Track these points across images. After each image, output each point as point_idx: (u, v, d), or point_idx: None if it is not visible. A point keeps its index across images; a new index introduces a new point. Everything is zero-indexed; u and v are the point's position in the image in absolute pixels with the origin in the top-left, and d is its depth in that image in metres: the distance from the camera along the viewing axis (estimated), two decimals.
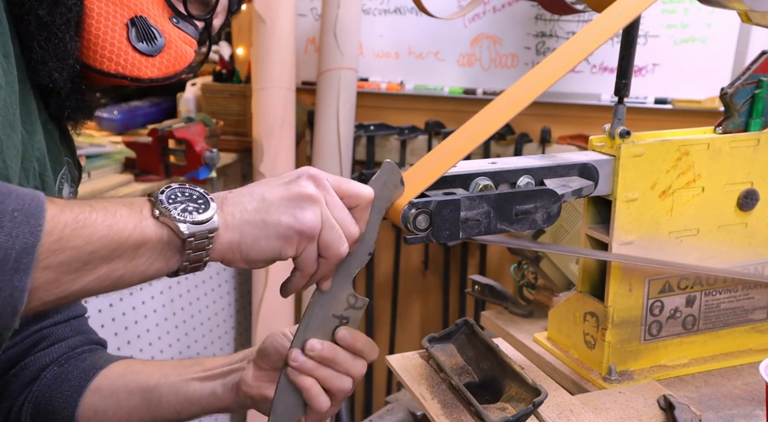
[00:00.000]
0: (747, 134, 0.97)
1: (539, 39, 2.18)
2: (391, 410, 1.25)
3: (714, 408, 0.92)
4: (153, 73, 0.85)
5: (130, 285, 0.64)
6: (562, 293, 1.18)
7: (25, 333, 0.93)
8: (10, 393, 0.91)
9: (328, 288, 0.76)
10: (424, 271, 2.49)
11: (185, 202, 0.65)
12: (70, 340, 0.95)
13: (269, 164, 2.28)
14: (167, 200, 0.65)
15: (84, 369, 0.92)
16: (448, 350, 0.97)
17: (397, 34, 2.32)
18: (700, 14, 2.00)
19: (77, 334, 0.96)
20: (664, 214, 0.95)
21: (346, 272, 0.76)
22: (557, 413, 0.86)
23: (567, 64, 0.84)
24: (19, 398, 0.90)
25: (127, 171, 2.02)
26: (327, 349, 0.77)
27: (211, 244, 0.65)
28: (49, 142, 0.87)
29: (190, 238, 0.64)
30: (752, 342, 1.05)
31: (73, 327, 0.97)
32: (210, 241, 0.65)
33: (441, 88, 2.30)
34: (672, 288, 0.99)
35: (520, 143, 2.21)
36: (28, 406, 0.90)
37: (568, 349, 1.05)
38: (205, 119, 2.29)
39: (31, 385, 0.90)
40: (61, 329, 0.95)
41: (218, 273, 2.35)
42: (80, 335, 0.97)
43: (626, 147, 0.91)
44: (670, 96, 2.07)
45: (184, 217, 0.64)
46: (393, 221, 0.80)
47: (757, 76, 0.96)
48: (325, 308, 0.77)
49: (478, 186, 0.83)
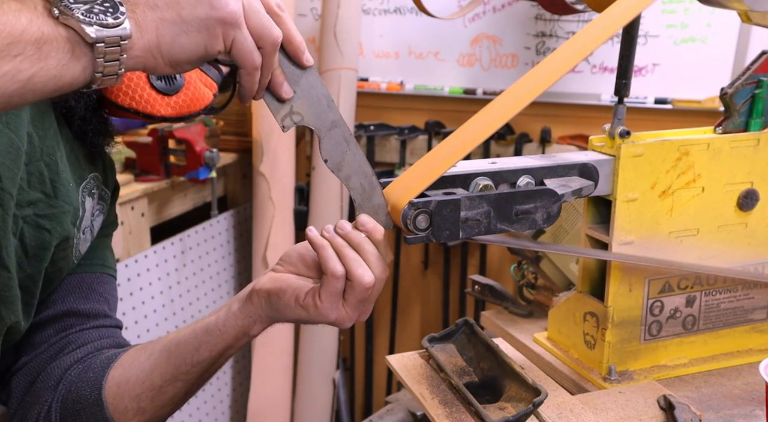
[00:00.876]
0: (747, 134, 0.97)
1: (539, 39, 2.18)
2: (391, 410, 1.25)
3: (714, 408, 0.92)
4: (166, 111, 0.85)
5: (49, 92, 0.59)
6: (562, 293, 1.18)
7: (50, 340, 0.92)
8: (37, 399, 0.90)
9: (289, 95, 0.73)
10: (424, 271, 2.49)
11: (89, 3, 0.59)
12: (96, 343, 0.93)
13: (269, 164, 2.28)
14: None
15: (106, 357, 0.91)
16: (448, 350, 0.97)
17: (397, 34, 2.32)
18: (700, 14, 2.00)
19: (104, 338, 0.95)
20: (664, 214, 0.95)
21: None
22: (557, 413, 0.86)
23: (567, 64, 0.84)
24: (46, 402, 0.89)
25: (127, 171, 2.02)
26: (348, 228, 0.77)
27: (125, 52, 0.60)
28: (71, 156, 0.87)
29: (100, 43, 0.59)
30: (752, 342, 1.05)
31: (101, 333, 0.95)
32: (123, 49, 0.60)
33: (441, 88, 2.30)
34: (672, 288, 0.99)
35: (520, 143, 2.21)
36: (56, 406, 0.89)
37: (568, 349, 1.05)
38: (205, 119, 2.28)
39: (56, 387, 0.90)
40: (86, 333, 0.93)
41: (218, 273, 2.35)
42: (107, 339, 0.95)
43: (626, 147, 0.91)
44: (670, 96, 2.07)
45: (89, 18, 0.58)
46: (393, 221, 0.80)
47: (757, 76, 0.96)
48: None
49: (478, 186, 0.83)
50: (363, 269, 0.77)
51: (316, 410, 2.35)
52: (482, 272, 2.38)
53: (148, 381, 0.87)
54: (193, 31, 0.63)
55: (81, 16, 0.58)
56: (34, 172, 0.81)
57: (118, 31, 0.59)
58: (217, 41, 0.65)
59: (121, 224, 1.87)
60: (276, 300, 0.81)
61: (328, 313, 0.78)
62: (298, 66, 0.73)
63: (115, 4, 0.60)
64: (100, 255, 0.97)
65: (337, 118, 0.76)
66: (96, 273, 0.96)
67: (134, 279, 1.94)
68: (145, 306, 2.00)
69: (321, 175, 2.27)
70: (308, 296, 0.79)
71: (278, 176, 2.30)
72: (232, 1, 0.64)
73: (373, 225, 0.78)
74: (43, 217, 0.83)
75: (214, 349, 0.85)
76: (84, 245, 0.92)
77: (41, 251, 0.84)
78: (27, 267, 0.83)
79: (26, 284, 0.84)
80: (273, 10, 0.69)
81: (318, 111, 0.75)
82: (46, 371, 0.91)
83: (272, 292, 0.81)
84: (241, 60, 0.67)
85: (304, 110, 0.75)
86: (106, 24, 0.59)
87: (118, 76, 0.62)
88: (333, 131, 0.76)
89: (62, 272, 0.90)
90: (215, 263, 2.33)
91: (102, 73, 0.61)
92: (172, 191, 2.08)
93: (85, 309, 0.94)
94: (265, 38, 0.67)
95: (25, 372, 0.91)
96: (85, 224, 0.90)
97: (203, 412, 2.30)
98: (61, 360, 0.91)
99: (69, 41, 0.59)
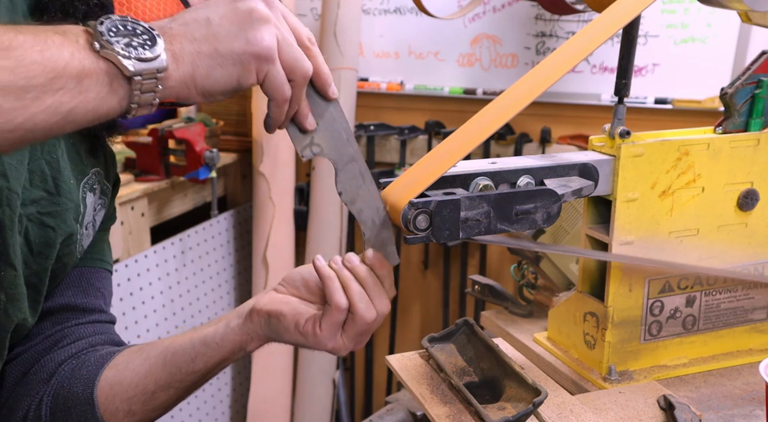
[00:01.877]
0: (747, 134, 0.97)
1: (539, 39, 2.18)
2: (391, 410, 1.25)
3: (714, 408, 0.92)
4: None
5: (86, 123, 0.60)
6: (562, 293, 1.18)
7: (46, 332, 0.92)
8: (28, 391, 0.90)
9: (313, 127, 0.74)
10: (424, 271, 2.49)
11: (128, 36, 0.60)
12: (90, 338, 0.94)
13: (269, 164, 2.28)
14: (108, 32, 0.59)
15: (101, 356, 0.91)
16: (448, 350, 0.97)
17: (397, 34, 2.32)
18: (700, 14, 2.00)
19: (99, 334, 0.95)
20: (664, 214, 0.95)
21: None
22: (557, 413, 0.86)
23: (567, 64, 0.84)
24: (37, 395, 0.90)
25: (127, 171, 2.02)
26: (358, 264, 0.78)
27: (160, 84, 0.62)
28: (72, 152, 0.87)
29: (137, 76, 0.60)
30: (752, 342, 1.05)
31: (96, 329, 0.95)
32: (159, 81, 0.61)
33: (441, 89, 2.30)
34: (672, 288, 0.99)
35: (520, 143, 2.21)
36: (47, 399, 0.89)
37: (568, 349, 1.05)
38: (205, 119, 2.29)
39: (49, 380, 0.90)
40: (82, 328, 0.94)
41: (218, 273, 2.35)
42: (102, 335, 0.95)
43: (626, 147, 0.91)
44: (670, 96, 2.07)
45: (128, 52, 0.59)
46: (393, 221, 0.80)
47: (757, 76, 0.96)
48: None
49: (478, 186, 0.83)
50: (366, 304, 0.78)
51: (316, 410, 2.35)
52: (482, 272, 2.38)
53: (141, 386, 0.87)
54: (228, 65, 0.64)
55: (121, 50, 0.59)
56: (35, 170, 0.82)
57: (155, 64, 0.60)
58: (250, 76, 0.66)
59: (121, 224, 1.87)
60: (275, 323, 0.82)
61: (326, 342, 0.79)
62: (323, 98, 0.74)
63: (153, 36, 0.61)
64: (98, 250, 0.98)
65: (355, 152, 0.77)
66: (95, 268, 0.97)
67: (134, 279, 1.94)
68: (145, 306, 2.00)
69: (321, 175, 2.27)
70: (308, 324, 0.80)
71: (278, 176, 2.30)
72: (267, 36, 0.65)
73: (379, 261, 0.79)
74: (46, 215, 0.83)
75: (210, 361, 0.86)
76: (87, 240, 0.92)
77: (46, 249, 0.84)
78: (33, 265, 0.84)
79: (32, 281, 0.85)
80: (305, 44, 0.70)
81: (338, 144, 0.76)
82: (40, 363, 0.91)
83: (272, 314, 0.82)
84: (273, 93, 0.68)
85: (325, 143, 0.76)
86: (144, 58, 0.60)
87: (152, 105, 0.63)
88: (350, 165, 0.77)
89: (67, 267, 0.90)
90: (215, 263, 2.33)
91: (138, 104, 0.62)
92: (172, 191, 2.08)
93: (83, 304, 0.94)
94: (297, 72, 0.68)
95: (18, 362, 0.91)
96: (88, 220, 0.91)
97: (203, 412, 2.30)
98: (55, 353, 0.91)
99: (108, 75, 0.59)
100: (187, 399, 0.92)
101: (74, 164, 0.88)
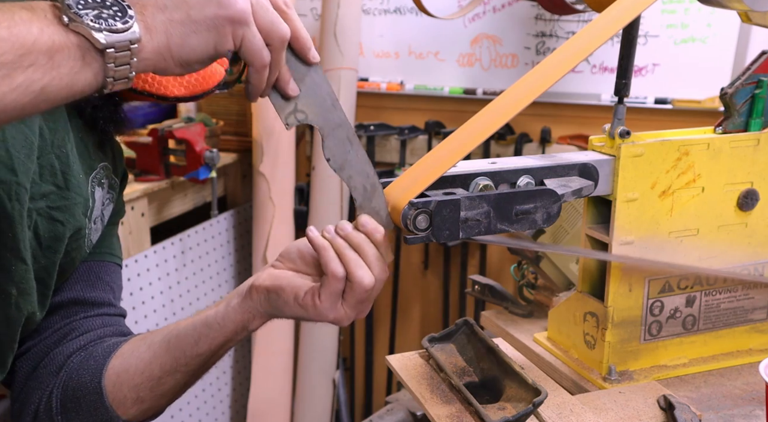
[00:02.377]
0: (747, 134, 0.97)
1: (539, 39, 2.18)
2: (391, 410, 1.25)
3: (714, 408, 0.92)
4: (180, 91, 0.85)
5: (61, 100, 0.59)
6: (562, 293, 1.18)
7: (55, 326, 0.93)
8: (39, 384, 0.91)
9: (295, 93, 0.73)
10: (424, 271, 2.49)
11: (97, 8, 0.59)
12: (99, 330, 0.94)
13: (269, 164, 2.28)
14: (76, 5, 0.58)
15: (108, 346, 0.91)
16: (448, 350, 0.98)
17: (397, 34, 2.32)
18: (700, 14, 2.00)
19: (107, 326, 0.95)
20: (664, 214, 0.95)
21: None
22: (557, 413, 0.86)
23: (567, 64, 0.84)
24: (48, 387, 0.90)
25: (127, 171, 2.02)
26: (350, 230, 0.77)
27: (135, 56, 0.60)
28: (80, 146, 0.88)
29: (110, 49, 0.59)
30: (752, 342, 1.05)
31: (105, 321, 0.96)
32: (133, 53, 0.60)
33: (441, 89, 2.30)
34: (672, 288, 0.99)
35: (520, 143, 2.21)
36: (57, 392, 0.90)
37: (568, 349, 1.05)
38: (205, 119, 2.29)
39: (58, 373, 0.90)
40: (90, 321, 0.94)
41: (218, 273, 2.35)
42: (110, 327, 0.96)
43: (626, 147, 0.91)
44: (670, 96, 2.07)
45: (99, 24, 0.58)
46: (393, 221, 0.80)
47: (757, 76, 0.96)
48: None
49: (478, 186, 0.83)
50: (363, 270, 0.77)
51: (316, 410, 2.35)
52: (482, 272, 2.38)
53: (147, 372, 0.87)
54: (203, 31, 0.63)
55: (90, 23, 0.58)
56: (45, 165, 0.82)
57: (128, 35, 0.59)
58: (226, 40, 0.64)
59: (121, 224, 1.86)
60: (275, 298, 0.81)
61: (326, 312, 0.79)
62: (304, 63, 0.73)
63: (123, 7, 0.60)
64: (107, 244, 0.98)
65: (342, 117, 0.76)
66: (104, 262, 0.97)
67: (134, 279, 1.94)
68: (145, 306, 2.00)
69: (321, 175, 2.27)
70: (307, 296, 0.79)
71: (278, 176, 2.30)
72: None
73: (373, 226, 0.78)
74: (55, 209, 0.83)
75: (213, 342, 0.85)
76: (95, 234, 0.93)
77: (55, 243, 0.84)
78: (42, 259, 0.84)
79: (41, 275, 0.85)
80: (280, 7, 0.69)
81: (322, 110, 0.75)
82: (50, 356, 0.91)
83: (271, 289, 0.81)
84: (251, 58, 0.67)
85: (309, 108, 0.75)
86: (116, 29, 0.59)
87: (128, 79, 0.62)
88: (337, 131, 0.76)
89: (75, 262, 0.91)
90: (215, 263, 2.33)
91: (113, 78, 0.61)
92: (172, 191, 2.08)
93: (91, 298, 0.95)
94: (274, 35, 0.67)
95: (29, 356, 0.92)
96: (96, 214, 0.91)
97: (203, 412, 2.30)
98: (64, 346, 0.92)
99: (79, 48, 0.58)
100: (187, 399, 0.92)
101: (83, 158, 0.88)
